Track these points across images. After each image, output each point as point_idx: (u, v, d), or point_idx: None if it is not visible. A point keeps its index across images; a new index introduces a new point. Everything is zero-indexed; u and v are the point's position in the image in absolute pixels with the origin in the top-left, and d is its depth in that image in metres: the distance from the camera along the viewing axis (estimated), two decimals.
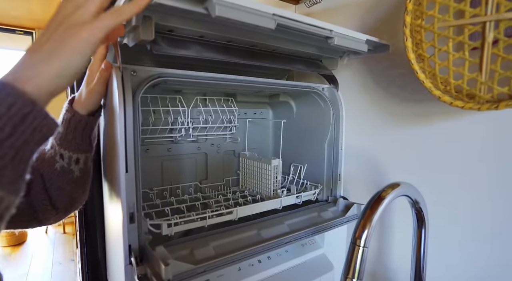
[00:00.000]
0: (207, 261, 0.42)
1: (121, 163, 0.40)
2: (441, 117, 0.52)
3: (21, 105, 0.25)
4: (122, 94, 0.40)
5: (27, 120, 0.26)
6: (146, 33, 0.40)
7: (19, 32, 2.77)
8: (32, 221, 0.45)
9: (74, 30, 0.29)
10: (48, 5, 2.22)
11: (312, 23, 0.44)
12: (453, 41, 0.41)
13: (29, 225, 0.46)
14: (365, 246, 0.39)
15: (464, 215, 0.52)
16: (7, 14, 2.40)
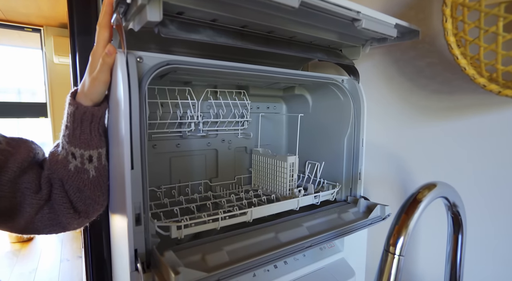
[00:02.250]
0: (221, 268, 0.37)
1: (126, 159, 0.36)
2: (482, 109, 0.47)
3: None
4: (127, 83, 0.36)
5: None
6: (153, 14, 0.36)
7: (28, 29, 2.78)
8: (55, 226, 0.44)
9: None
10: (56, 1, 2.21)
11: (339, 3, 0.39)
12: (504, 21, 0.35)
13: (53, 231, 0.45)
14: (401, 255, 0.34)
15: (507, 219, 0.46)
16: (16, 11, 2.40)
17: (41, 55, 2.80)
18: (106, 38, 0.40)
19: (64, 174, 0.43)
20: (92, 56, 0.41)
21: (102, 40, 0.40)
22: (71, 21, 0.55)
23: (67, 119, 0.42)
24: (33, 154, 0.44)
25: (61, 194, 0.43)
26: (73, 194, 0.44)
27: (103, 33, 0.40)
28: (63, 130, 0.43)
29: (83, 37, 0.56)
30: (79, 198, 0.44)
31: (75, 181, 0.43)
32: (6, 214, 0.41)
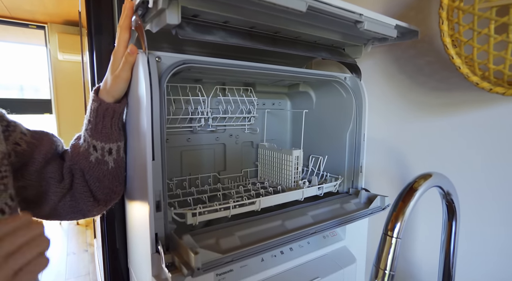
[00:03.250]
0: (234, 250, 0.41)
1: (148, 151, 0.39)
2: (476, 105, 0.50)
3: None
4: (149, 81, 0.39)
5: None
6: (172, 17, 0.39)
7: (32, 26, 2.80)
8: (77, 213, 0.48)
9: None
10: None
11: (343, 6, 0.42)
12: (495, 23, 0.38)
13: (74, 217, 0.48)
14: (398, 237, 0.38)
15: (500, 208, 0.50)
16: (21, 8, 2.42)
17: (45, 52, 2.83)
18: (126, 39, 0.44)
19: (86, 165, 0.47)
20: (113, 55, 0.44)
21: (123, 41, 0.44)
22: (89, 20, 0.58)
23: (90, 114, 0.46)
24: (55, 146, 0.48)
25: (82, 184, 0.47)
26: (93, 183, 0.48)
27: (124, 35, 0.43)
28: (85, 124, 0.47)
29: (99, 36, 0.59)
30: (98, 187, 0.48)
31: (95, 171, 0.47)
32: (34, 201, 0.45)
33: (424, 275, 0.62)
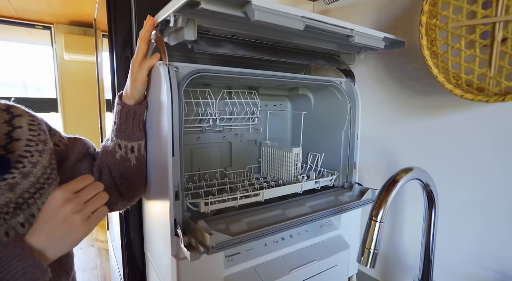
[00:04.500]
0: (242, 233, 0.48)
1: (169, 148, 0.46)
2: (452, 109, 0.57)
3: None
4: (169, 88, 0.46)
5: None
6: (190, 33, 0.46)
7: (39, 26, 2.86)
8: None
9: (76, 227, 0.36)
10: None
11: (335, 23, 0.49)
12: (465, 39, 0.45)
13: None
14: (381, 222, 0.44)
15: (472, 198, 0.57)
16: (29, 9, 2.48)
17: (51, 51, 2.89)
18: (145, 49, 0.51)
19: (112, 162, 0.54)
20: (133, 63, 0.51)
21: (142, 51, 0.50)
22: (110, 24, 0.65)
23: (115, 116, 0.53)
24: (87, 147, 0.55)
25: (109, 179, 0.54)
26: (118, 179, 0.55)
27: (144, 46, 0.50)
28: (112, 125, 0.54)
29: (118, 39, 0.66)
30: (123, 183, 0.55)
31: (120, 168, 0.54)
32: None
33: (411, 259, 0.69)
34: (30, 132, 0.44)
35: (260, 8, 0.40)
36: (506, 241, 0.53)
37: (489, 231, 0.55)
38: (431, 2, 0.48)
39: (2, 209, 0.36)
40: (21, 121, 0.44)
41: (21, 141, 0.42)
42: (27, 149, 0.42)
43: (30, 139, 0.43)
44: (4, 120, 0.43)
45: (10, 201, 0.37)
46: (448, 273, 0.61)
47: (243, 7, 0.41)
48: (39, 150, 0.43)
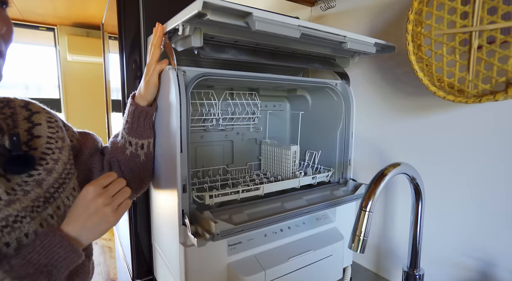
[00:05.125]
0: (243, 223, 0.52)
1: (177, 145, 0.51)
2: (437, 109, 0.61)
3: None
4: (178, 90, 0.50)
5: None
6: (196, 41, 0.50)
7: (42, 28, 2.91)
8: None
9: (107, 218, 0.42)
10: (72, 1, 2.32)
11: (329, 31, 0.53)
12: (446, 46, 0.50)
13: None
14: (370, 211, 0.49)
15: (458, 191, 0.61)
16: (33, 11, 2.53)
17: (55, 53, 2.93)
18: (158, 54, 0.55)
19: (122, 158, 0.58)
20: (147, 67, 0.55)
21: (155, 56, 0.55)
22: (120, 29, 0.69)
23: (127, 116, 0.57)
24: (97, 142, 0.60)
25: (118, 174, 0.58)
26: (127, 173, 0.59)
27: (156, 51, 0.55)
28: (123, 124, 0.58)
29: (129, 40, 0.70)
30: (131, 177, 0.60)
31: (130, 163, 0.58)
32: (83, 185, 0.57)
33: (402, 251, 0.73)
34: (49, 130, 0.47)
35: (260, 19, 0.44)
36: (489, 231, 0.57)
37: (473, 222, 0.59)
38: (417, 11, 0.53)
39: (35, 203, 0.40)
40: (40, 118, 0.48)
41: (42, 138, 0.46)
42: (48, 146, 0.46)
43: (50, 136, 0.47)
44: (23, 117, 0.46)
45: (39, 195, 0.41)
46: (435, 262, 0.66)
47: (245, 17, 0.46)
48: (59, 147, 0.47)
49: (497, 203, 0.55)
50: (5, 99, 0.46)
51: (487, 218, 0.57)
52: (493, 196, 0.56)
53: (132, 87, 0.72)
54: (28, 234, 0.38)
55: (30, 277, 0.34)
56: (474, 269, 0.60)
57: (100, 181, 0.42)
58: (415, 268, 0.60)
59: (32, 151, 0.44)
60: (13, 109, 0.45)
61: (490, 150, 0.55)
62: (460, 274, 0.62)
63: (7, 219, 0.36)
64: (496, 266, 0.57)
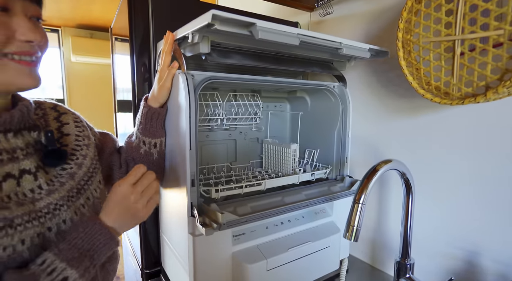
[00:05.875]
0: (247, 214, 0.57)
1: (187, 143, 0.55)
2: (426, 110, 0.66)
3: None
4: (187, 92, 0.55)
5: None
6: (204, 48, 0.55)
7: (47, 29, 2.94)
8: None
9: (138, 213, 0.47)
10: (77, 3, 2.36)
11: (326, 38, 0.58)
12: (433, 52, 0.54)
13: None
14: (363, 203, 0.54)
15: (446, 186, 0.66)
16: None
17: (59, 54, 2.98)
18: (169, 60, 0.60)
19: (137, 156, 0.63)
20: (160, 72, 0.60)
21: (167, 62, 0.60)
22: (131, 33, 0.74)
23: (141, 117, 0.62)
24: (115, 142, 0.65)
25: None
26: None
27: (168, 57, 0.59)
28: (137, 125, 0.63)
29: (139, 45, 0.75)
30: None
31: (144, 161, 0.63)
32: (106, 180, 0.61)
33: (395, 244, 0.78)
34: (76, 129, 0.52)
35: (263, 29, 0.49)
36: (474, 223, 0.62)
37: (460, 215, 0.64)
38: (407, 20, 0.57)
39: (69, 193, 0.45)
40: (67, 118, 0.53)
41: (71, 136, 0.51)
42: (77, 144, 0.50)
43: (77, 134, 0.52)
44: (53, 117, 0.51)
45: (73, 187, 0.46)
46: (424, 252, 0.71)
47: (249, 27, 0.50)
48: (86, 144, 0.52)
49: (481, 197, 0.60)
50: (36, 102, 0.50)
51: (473, 211, 0.62)
52: (477, 191, 0.60)
53: (141, 88, 0.77)
54: (65, 220, 0.43)
55: (76, 260, 0.39)
56: (461, 258, 0.65)
57: (129, 178, 0.46)
58: (406, 257, 0.65)
59: (63, 147, 0.49)
60: (43, 110, 0.50)
61: (473, 147, 0.60)
62: (448, 263, 0.67)
63: (48, 206, 0.41)
64: (480, 256, 0.62)
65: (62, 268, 0.38)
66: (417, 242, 0.71)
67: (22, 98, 0.45)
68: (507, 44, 0.45)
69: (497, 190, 0.58)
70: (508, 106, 0.54)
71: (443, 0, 0.52)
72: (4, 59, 0.38)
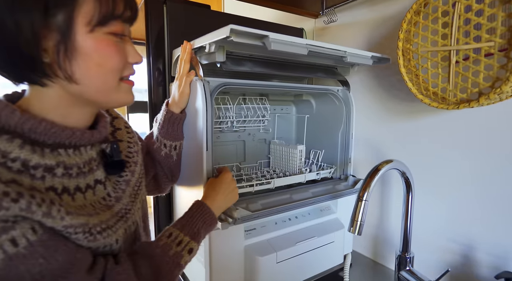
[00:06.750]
0: (259, 210, 0.62)
1: (204, 144, 0.60)
2: (425, 113, 0.71)
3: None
4: (204, 97, 0.60)
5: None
6: (220, 57, 0.60)
7: None
8: (155, 190, 0.69)
9: (233, 195, 0.60)
10: None
11: (331, 47, 0.63)
12: (431, 61, 0.59)
13: (153, 194, 0.71)
14: (366, 200, 0.58)
15: (444, 184, 0.70)
16: None
17: None
18: (187, 68, 0.64)
19: (159, 158, 0.67)
20: (179, 80, 0.64)
21: (186, 69, 0.64)
22: (148, 40, 0.79)
23: (163, 122, 0.65)
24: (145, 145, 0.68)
25: (161, 171, 0.67)
26: (166, 170, 0.68)
27: (186, 66, 0.64)
28: (158, 128, 0.66)
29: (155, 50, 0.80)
30: (169, 172, 0.68)
31: (165, 163, 0.67)
32: None
33: (396, 240, 0.82)
34: (127, 135, 0.54)
35: (275, 40, 0.54)
36: (470, 219, 0.66)
37: (457, 211, 0.69)
38: (406, 31, 0.62)
39: (130, 199, 0.48)
40: (119, 123, 0.54)
41: (124, 143, 0.51)
42: (129, 150, 0.52)
43: (129, 141, 0.53)
44: (108, 121, 0.52)
45: (131, 193, 0.48)
46: (423, 246, 0.75)
47: (262, 39, 0.55)
48: (136, 151, 0.54)
49: (477, 194, 0.65)
50: None
51: (469, 208, 0.66)
52: (473, 189, 0.65)
53: (156, 91, 0.82)
54: (134, 222, 0.47)
55: (195, 235, 0.49)
56: (458, 253, 0.69)
57: (229, 173, 0.60)
58: (406, 251, 0.69)
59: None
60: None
61: (467, 147, 0.64)
62: (445, 257, 0.71)
63: (121, 211, 0.44)
64: (476, 249, 0.66)
65: (187, 240, 0.47)
66: (417, 237, 0.75)
67: (100, 111, 0.48)
68: (498, 55, 0.50)
69: (492, 188, 0.62)
70: (498, 111, 0.58)
71: (439, 14, 0.56)
72: (120, 82, 0.41)
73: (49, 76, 0.35)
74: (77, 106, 0.40)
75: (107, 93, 0.40)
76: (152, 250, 0.44)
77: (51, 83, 0.36)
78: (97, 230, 0.37)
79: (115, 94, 0.41)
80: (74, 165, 0.38)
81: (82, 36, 0.35)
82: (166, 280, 0.43)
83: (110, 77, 0.39)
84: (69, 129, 0.37)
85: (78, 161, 0.39)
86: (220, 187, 0.57)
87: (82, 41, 0.35)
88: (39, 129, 0.34)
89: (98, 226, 0.38)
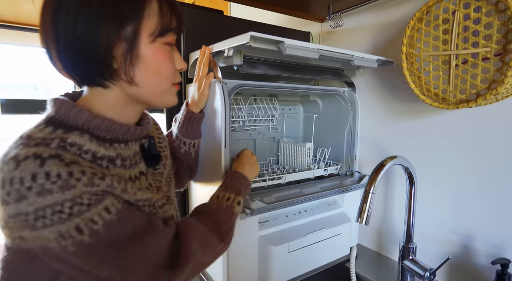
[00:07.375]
0: (273, 203, 0.67)
1: (222, 141, 0.65)
2: (427, 113, 0.76)
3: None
4: (222, 97, 0.65)
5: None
6: (237, 60, 0.65)
7: None
8: (175, 186, 0.72)
9: (256, 165, 0.68)
10: None
11: (340, 51, 0.67)
12: (432, 64, 0.64)
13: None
14: (372, 193, 0.63)
15: (445, 178, 0.75)
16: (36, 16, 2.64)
17: None
18: (206, 71, 0.69)
19: (178, 155, 0.72)
20: (199, 82, 0.69)
21: (205, 72, 0.69)
22: None
23: (184, 121, 0.69)
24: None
25: (181, 167, 0.72)
26: (185, 166, 0.73)
27: (205, 68, 0.69)
28: (179, 128, 0.71)
29: None
30: (188, 169, 0.73)
31: (185, 159, 0.72)
32: None
33: (400, 233, 0.87)
34: (157, 131, 0.59)
35: (290, 46, 0.59)
36: (470, 211, 0.71)
37: (458, 204, 0.73)
38: (409, 36, 0.67)
39: (166, 188, 0.53)
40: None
41: (155, 138, 0.57)
42: (160, 146, 0.57)
43: (159, 137, 0.58)
44: None
45: (165, 184, 0.54)
46: (425, 238, 0.80)
47: (277, 44, 0.60)
48: (165, 146, 0.59)
49: (477, 188, 0.69)
50: None
51: (469, 201, 0.71)
52: (473, 182, 0.70)
53: None
54: (175, 208, 0.53)
55: (237, 192, 0.57)
56: (458, 243, 0.74)
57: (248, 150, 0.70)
58: (409, 242, 0.74)
59: None
60: None
61: (466, 145, 0.69)
62: (446, 248, 0.76)
63: (163, 199, 0.49)
64: (475, 240, 0.71)
65: (234, 196, 0.56)
66: (419, 230, 0.80)
67: None
68: (493, 59, 0.55)
69: (490, 182, 0.67)
70: (495, 110, 0.63)
71: (440, 21, 0.61)
72: (172, 86, 0.47)
73: (114, 80, 0.41)
74: (131, 105, 0.45)
75: (161, 95, 0.46)
76: (207, 208, 0.54)
77: (113, 85, 0.42)
78: (158, 204, 0.44)
79: (166, 96, 0.47)
80: (127, 157, 0.44)
81: (145, 46, 0.41)
82: (226, 227, 0.52)
83: (165, 81, 0.45)
84: (125, 126, 0.43)
85: (129, 154, 0.45)
86: (244, 161, 0.65)
87: (145, 49, 0.41)
88: (103, 126, 0.40)
89: (159, 201, 0.45)
